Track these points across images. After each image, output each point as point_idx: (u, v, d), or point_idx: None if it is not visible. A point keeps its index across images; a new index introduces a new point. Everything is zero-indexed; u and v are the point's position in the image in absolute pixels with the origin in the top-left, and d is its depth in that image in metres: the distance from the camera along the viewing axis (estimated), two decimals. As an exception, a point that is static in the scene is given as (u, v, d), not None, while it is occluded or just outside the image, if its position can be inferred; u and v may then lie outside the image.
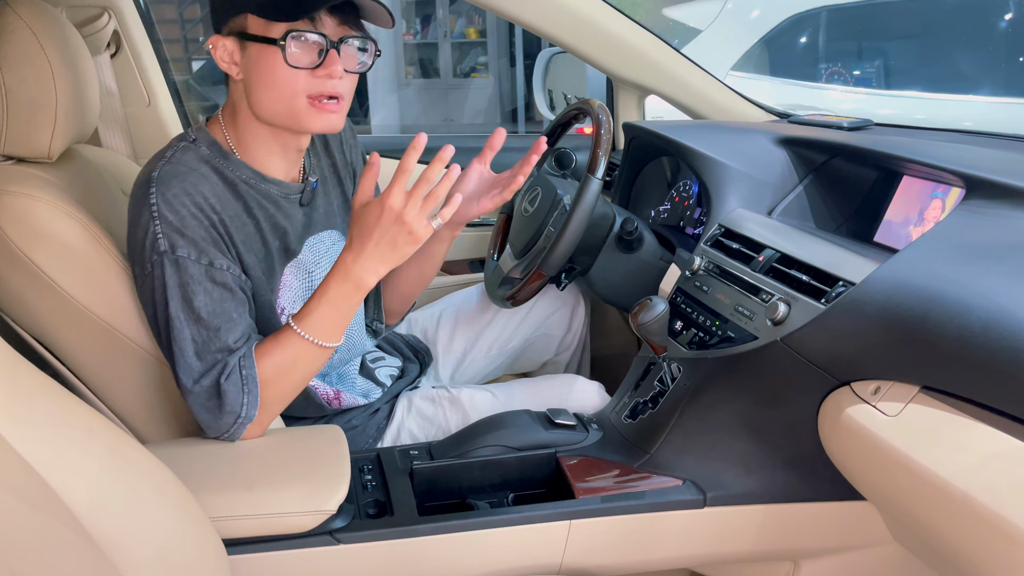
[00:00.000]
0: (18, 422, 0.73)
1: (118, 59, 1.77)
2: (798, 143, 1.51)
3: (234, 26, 1.14)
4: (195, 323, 1.13)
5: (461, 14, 6.50)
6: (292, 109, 1.15)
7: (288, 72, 1.12)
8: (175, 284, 1.12)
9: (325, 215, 1.35)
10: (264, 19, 1.12)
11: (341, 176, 1.42)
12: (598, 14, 1.83)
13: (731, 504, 1.26)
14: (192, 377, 1.13)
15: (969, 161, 1.22)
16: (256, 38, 1.13)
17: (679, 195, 1.76)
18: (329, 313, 1.14)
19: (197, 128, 1.23)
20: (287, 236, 1.27)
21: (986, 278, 0.96)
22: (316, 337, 1.15)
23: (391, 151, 2.07)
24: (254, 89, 1.16)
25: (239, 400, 1.13)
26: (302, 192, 1.28)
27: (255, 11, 1.12)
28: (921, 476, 0.96)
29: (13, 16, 1.17)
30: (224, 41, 1.15)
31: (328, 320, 1.15)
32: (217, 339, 1.13)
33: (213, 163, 1.19)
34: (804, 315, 1.13)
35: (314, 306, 1.14)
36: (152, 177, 1.14)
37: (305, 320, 1.14)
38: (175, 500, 0.88)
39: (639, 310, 1.28)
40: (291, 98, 1.14)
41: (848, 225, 1.45)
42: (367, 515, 1.21)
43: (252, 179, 1.21)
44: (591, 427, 1.38)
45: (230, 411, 1.13)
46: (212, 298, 1.14)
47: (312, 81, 1.14)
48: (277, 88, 1.14)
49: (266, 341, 1.17)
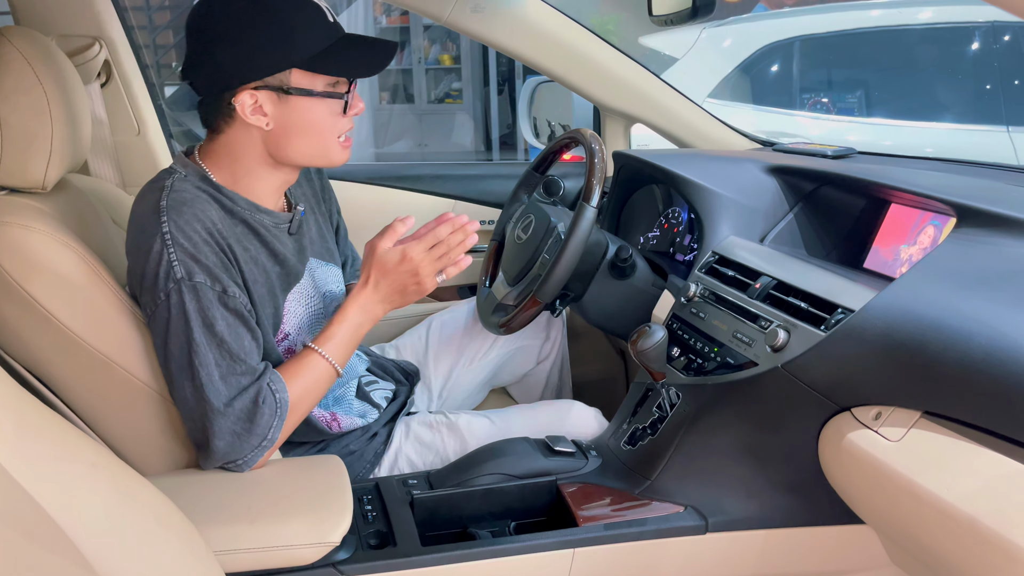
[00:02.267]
0: (24, 458, 0.72)
1: (108, 88, 1.76)
2: (788, 171, 1.54)
3: (271, 81, 1.16)
4: (218, 347, 1.13)
5: (436, 41, 6.55)
6: (327, 149, 1.23)
7: (331, 118, 1.21)
8: (195, 310, 1.12)
9: (311, 242, 1.36)
10: (311, 72, 1.17)
11: (316, 203, 1.44)
12: (586, 44, 1.87)
13: (733, 529, 1.26)
14: (222, 400, 1.13)
15: (959, 190, 1.25)
16: (307, 92, 1.18)
17: (669, 222, 1.78)
18: (348, 339, 1.25)
19: (183, 163, 1.23)
20: (286, 263, 1.28)
21: (985, 305, 0.98)
22: (336, 360, 1.25)
23: (365, 179, 2.09)
24: (290, 136, 1.20)
25: (271, 423, 1.16)
26: (291, 221, 1.29)
27: (309, 67, 1.17)
28: (926, 500, 0.98)
29: (8, 47, 1.16)
30: (251, 95, 1.17)
31: (345, 346, 1.25)
32: (241, 362, 1.15)
33: (209, 193, 1.19)
34: (804, 342, 1.15)
35: (335, 331, 1.24)
36: (161, 206, 1.13)
37: (328, 344, 1.24)
38: (179, 535, 0.87)
39: (638, 337, 1.29)
40: (330, 141, 1.23)
41: (838, 252, 1.48)
42: (369, 546, 1.19)
43: (248, 209, 1.22)
44: (590, 454, 1.38)
45: (259, 434, 1.15)
46: (228, 323, 1.14)
47: (344, 122, 1.24)
48: (320, 134, 1.21)
49: (289, 366, 1.23)
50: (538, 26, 1.83)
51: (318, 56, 1.17)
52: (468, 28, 1.80)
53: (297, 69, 1.17)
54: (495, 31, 1.82)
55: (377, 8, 6.38)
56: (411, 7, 1.80)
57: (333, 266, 1.41)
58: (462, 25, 1.79)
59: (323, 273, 1.38)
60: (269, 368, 1.19)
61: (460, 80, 6.55)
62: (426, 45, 6.52)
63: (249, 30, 1.14)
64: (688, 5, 1.43)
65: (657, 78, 1.93)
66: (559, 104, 2.27)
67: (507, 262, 1.68)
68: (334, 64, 1.18)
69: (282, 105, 1.18)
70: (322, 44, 1.17)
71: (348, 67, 1.19)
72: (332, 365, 1.24)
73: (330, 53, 1.18)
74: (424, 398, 1.70)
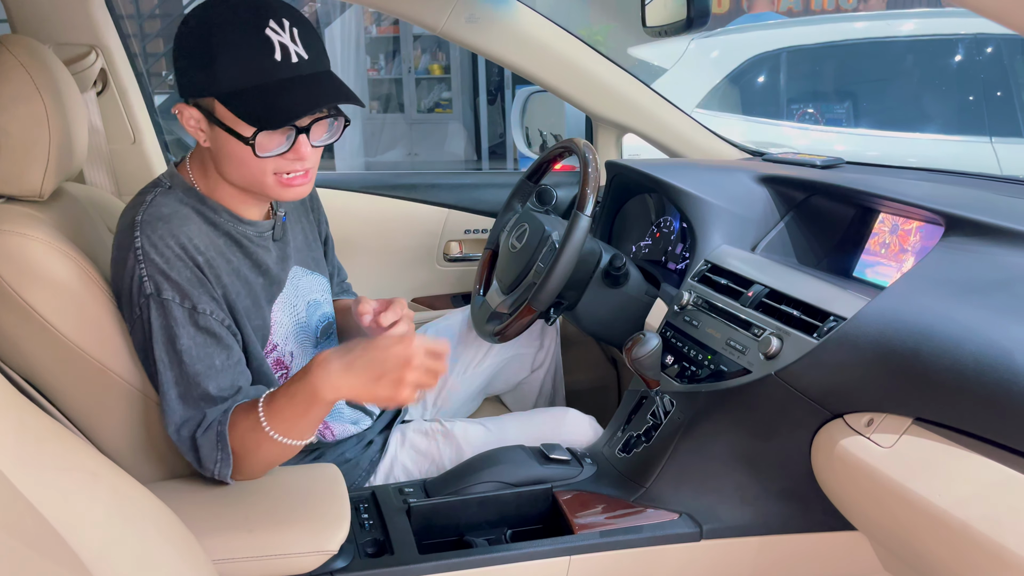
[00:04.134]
0: (26, 467, 0.72)
1: (104, 96, 1.76)
2: (778, 181, 1.56)
3: (201, 103, 1.13)
4: (177, 366, 1.12)
5: (425, 50, 6.57)
6: (261, 184, 1.16)
7: (255, 159, 1.12)
8: (159, 326, 1.12)
9: (296, 250, 1.36)
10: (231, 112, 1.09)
11: (304, 212, 1.42)
12: (579, 55, 1.88)
13: (727, 536, 1.27)
14: (174, 423, 1.13)
15: (947, 199, 1.27)
16: (223, 126, 1.11)
17: (661, 231, 1.80)
18: (289, 407, 1.10)
19: (170, 175, 1.23)
20: (269, 272, 1.27)
21: (975, 313, 1.00)
22: (278, 432, 1.11)
23: (358, 188, 2.09)
24: (220, 163, 1.16)
25: (213, 457, 1.12)
26: (273, 228, 1.29)
27: (224, 102, 1.09)
28: (918, 506, 0.99)
29: (7, 55, 1.16)
30: (191, 111, 1.14)
31: (289, 414, 1.10)
32: (198, 386, 1.12)
33: (193, 206, 1.19)
34: (797, 349, 1.17)
35: (279, 394, 1.12)
36: (136, 221, 1.13)
37: (269, 407, 1.11)
38: (178, 544, 0.87)
39: (633, 345, 1.30)
40: (260, 176, 1.15)
41: (828, 260, 1.50)
42: (367, 554, 1.20)
43: (230, 221, 1.22)
44: (585, 461, 1.39)
45: (206, 466, 1.13)
46: (195, 343, 1.13)
47: (281, 162, 1.14)
48: (245, 168, 1.14)
49: (238, 411, 1.13)
50: (532, 37, 1.85)
51: (233, 94, 1.09)
52: (463, 38, 1.82)
53: (217, 100, 1.10)
54: (489, 41, 1.83)
55: (367, 18, 6.40)
56: (407, 18, 1.82)
57: (319, 276, 1.41)
58: (457, 35, 1.80)
59: (307, 282, 1.37)
60: (234, 399, 1.14)
61: (450, 90, 6.57)
62: (416, 54, 6.54)
63: (186, 48, 1.12)
64: (683, 16, 1.44)
65: (648, 88, 1.95)
66: (551, 114, 2.29)
67: (501, 271, 1.70)
68: (245, 107, 1.08)
69: (211, 129, 1.14)
70: (245, 82, 1.08)
71: (259, 114, 1.08)
72: (270, 434, 1.10)
73: (246, 94, 1.08)
74: (418, 406, 1.70)
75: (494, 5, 1.80)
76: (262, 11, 1.09)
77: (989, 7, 0.63)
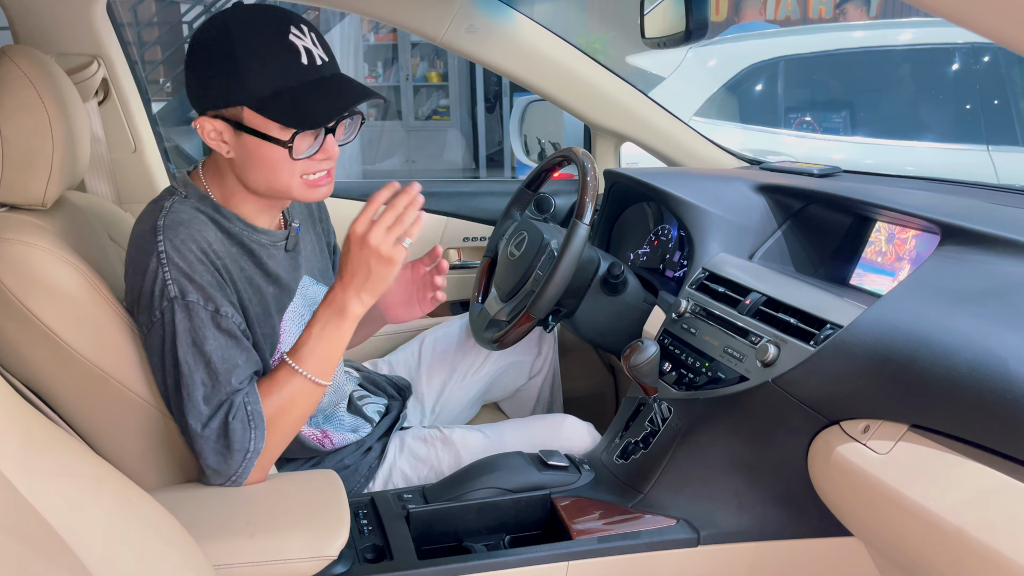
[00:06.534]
0: (31, 472, 0.73)
1: (105, 106, 1.77)
2: (776, 190, 1.57)
3: (226, 113, 1.14)
4: (205, 367, 1.13)
5: (423, 58, 6.59)
6: (287, 187, 1.19)
7: (288, 162, 1.16)
8: (185, 329, 1.13)
9: (306, 260, 1.37)
10: (265, 118, 1.12)
11: (312, 222, 1.44)
12: (577, 64, 1.90)
13: (724, 542, 1.28)
14: (201, 421, 1.14)
15: (943, 208, 1.28)
16: (255, 132, 1.13)
17: (659, 239, 1.81)
18: (319, 346, 1.16)
19: (184, 183, 1.24)
20: (280, 281, 1.28)
21: (970, 321, 1.01)
22: (310, 372, 1.16)
23: (360, 196, 2.09)
24: (247, 170, 1.18)
25: (246, 436, 1.14)
26: (287, 238, 1.30)
27: (257, 109, 1.12)
28: (913, 512, 1.00)
29: (11, 65, 1.17)
30: (212, 123, 1.15)
31: (319, 353, 1.16)
32: (227, 384, 1.14)
33: (208, 214, 1.21)
34: (794, 357, 1.18)
35: (305, 338, 1.17)
36: (158, 225, 1.14)
37: (298, 353, 1.17)
38: (181, 549, 0.88)
39: (631, 352, 1.31)
40: (287, 179, 1.18)
41: (825, 268, 1.51)
42: (366, 560, 1.21)
43: (244, 230, 1.24)
44: (583, 468, 1.40)
45: (238, 448, 1.14)
46: (219, 344, 1.15)
47: (309, 164, 1.18)
48: (274, 173, 1.17)
49: (264, 380, 1.19)
50: (530, 46, 1.86)
51: (268, 98, 1.12)
52: (462, 48, 1.83)
53: (247, 107, 1.13)
54: (488, 51, 1.85)
55: (366, 25, 6.42)
56: (408, 28, 1.83)
57: (327, 286, 1.42)
58: (456, 45, 1.82)
59: (315, 292, 1.37)
60: (252, 383, 1.18)
61: (447, 97, 6.58)
62: (414, 62, 6.55)
63: (206, 60, 1.14)
64: (682, 28, 1.45)
65: (646, 97, 1.96)
66: (550, 122, 2.31)
67: (500, 278, 1.70)
68: (282, 110, 1.12)
69: (237, 138, 1.15)
70: (278, 86, 1.11)
71: (295, 116, 1.12)
72: (304, 376, 1.16)
73: (282, 98, 1.12)
74: (417, 413, 1.71)
75: (493, 15, 1.81)
76: (281, 19, 1.13)
77: (945, 7, 0.62)
